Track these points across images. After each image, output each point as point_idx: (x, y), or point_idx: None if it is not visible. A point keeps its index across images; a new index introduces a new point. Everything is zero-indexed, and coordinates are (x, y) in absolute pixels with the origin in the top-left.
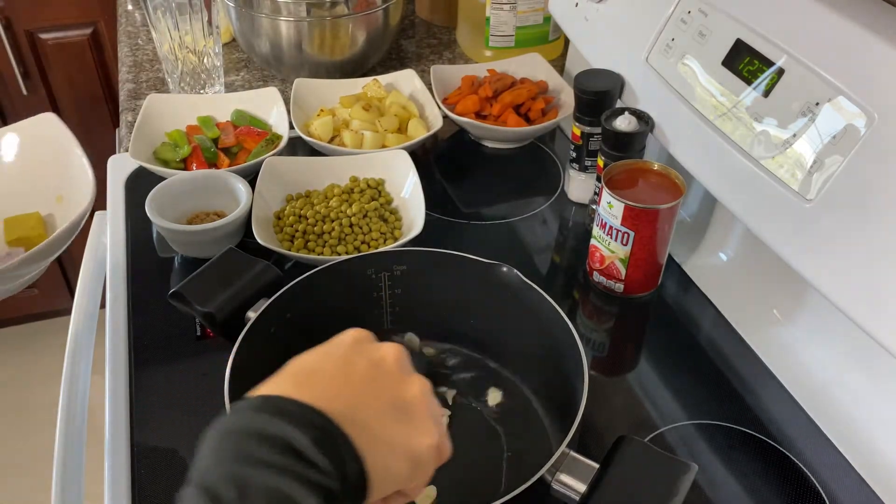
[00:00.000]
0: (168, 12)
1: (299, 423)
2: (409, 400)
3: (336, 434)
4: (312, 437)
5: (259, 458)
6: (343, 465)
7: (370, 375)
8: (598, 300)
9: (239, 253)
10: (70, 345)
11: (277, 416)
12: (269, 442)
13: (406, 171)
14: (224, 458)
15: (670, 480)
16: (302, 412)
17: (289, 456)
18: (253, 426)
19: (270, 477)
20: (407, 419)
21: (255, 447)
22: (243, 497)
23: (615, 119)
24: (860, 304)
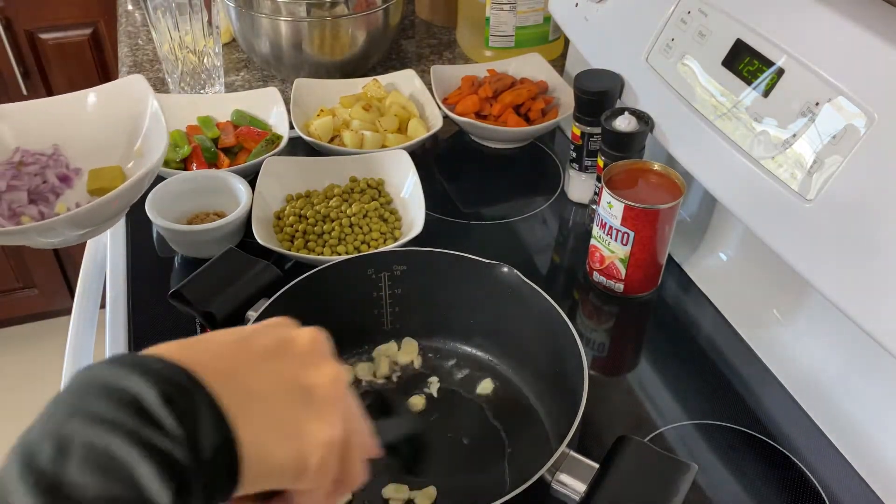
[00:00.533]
0: (168, 12)
1: (153, 377)
2: (314, 384)
3: (195, 394)
4: (162, 391)
5: (92, 412)
6: (197, 430)
7: (272, 352)
8: (598, 300)
9: (239, 253)
10: (70, 345)
11: (132, 369)
12: (110, 394)
13: (406, 171)
14: (57, 413)
15: (670, 480)
16: (163, 368)
17: (127, 411)
18: (100, 378)
19: (98, 434)
20: (305, 403)
21: (92, 400)
22: (61, 455)
23: (615, 119)
24: (860, 304)
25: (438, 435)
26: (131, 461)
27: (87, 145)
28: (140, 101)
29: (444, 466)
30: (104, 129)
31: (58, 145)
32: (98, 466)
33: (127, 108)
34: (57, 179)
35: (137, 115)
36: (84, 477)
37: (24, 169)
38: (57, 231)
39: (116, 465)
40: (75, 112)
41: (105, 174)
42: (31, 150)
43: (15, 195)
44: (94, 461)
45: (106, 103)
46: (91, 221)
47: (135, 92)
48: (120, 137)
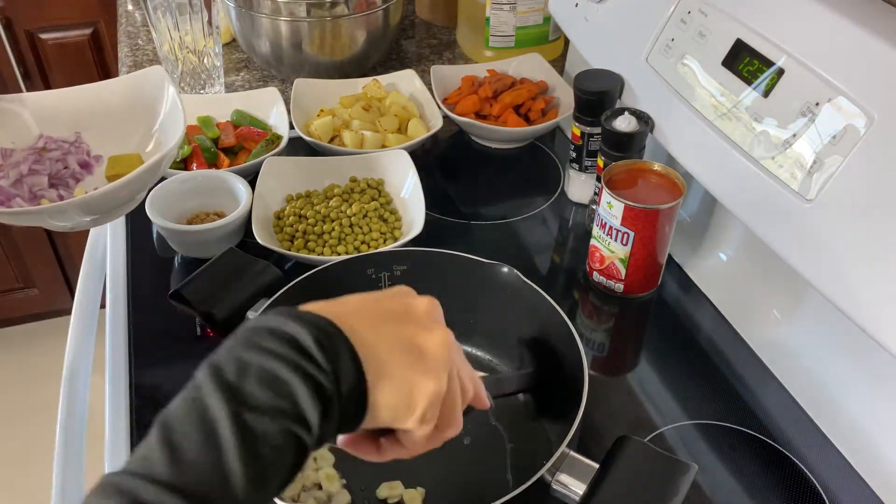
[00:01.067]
0: (168, 12)
1: (307, 325)
2: (426, 345)
3: (339, 340)
4: (315, 336)
5: (264, 347)
6: (339, 366)
7: (395, 315)
8: (598, 300)
9: (239, 253)
10: (70, 345)
11: (291, 318)
12: (277, 335)
13: (406, 171)
14: (236, 345)
15: (670, 480)
16: (314, 318)
17: (289, 347)
18: (268, 323)
19: (268, 361)
20: (417, 360)
21: (263, 338)
22: (241, 374)
23: (615, 119)
24: (860, 304)
25: None
26: (293, 383)
27: (109, 133)
28: (158, 87)
29: (444, 466)
30: (125, 117)
31: (80, 133)
32: (268, 384)
33: (147, 98)
34: (78, 165)
35: (156, 104)
36: (258, 390)
37: (47, 154)
38: (69, 214)
39: (282, 384)
40: (97, 101)
41: (124, 161)
42: (54, 137)
43: (36, 179)
44: (265, 380)
45: (127, 93)
46: (102, 207)
47: (155, 82)
48: (139, 126)
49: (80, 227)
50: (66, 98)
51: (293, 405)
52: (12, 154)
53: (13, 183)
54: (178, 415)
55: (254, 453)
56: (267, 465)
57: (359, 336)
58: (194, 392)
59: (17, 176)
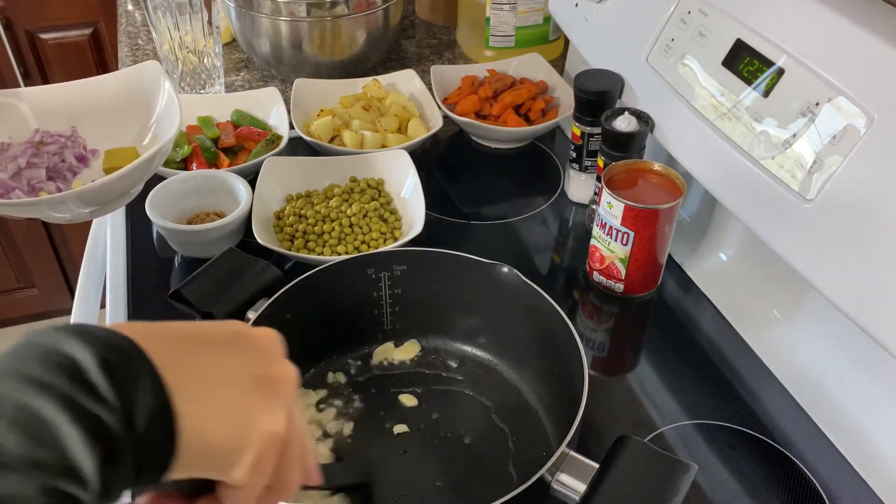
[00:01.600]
0: (168, 12)
1: (94, 344)
2: (265, 378)
3: (138, 363)
4: (101, 358)
5: (26, 374)
6: (131, 397)
7: (228, 343)
8: (598, 300)
9: (239, 253)
10: None
11: (76, 336)
12: (47, 358)
13: (406, 171)
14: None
15: (670, 480)
16: (107, 336)
17: (61, 375)
18: (41, 342)
19: (27, 394)
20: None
21: (31, 363)
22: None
23: (615, 119)
24: (860, 304)
25: (440, 434)
26: (58, 424)
27: (104, 127)
28: (155, 84)
29: (445, 466)
30: (121, 112)
31: (76, 127)
32: (25, 427)
33: (143, 92)
34: (74, 159)
35: (152, 98)
36: (9, 436)
37: (44, 148)
38: (67, 206)
39: (43, 428)
40: (93, 96)
41: (120, 154)
42: (50, 132)
43: (34, 172)
44: (21, 421)
45: (123, 87)
46: (100, 199)
47: (150, 77)
48: (135, 119)
49: (78, 218)
50: (62, 93)
51: (58, 454)
52: (9, 148)
53: (11, 176)
54: None
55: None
56: None
57: (173, 361)
58: None
59: (16, 169)
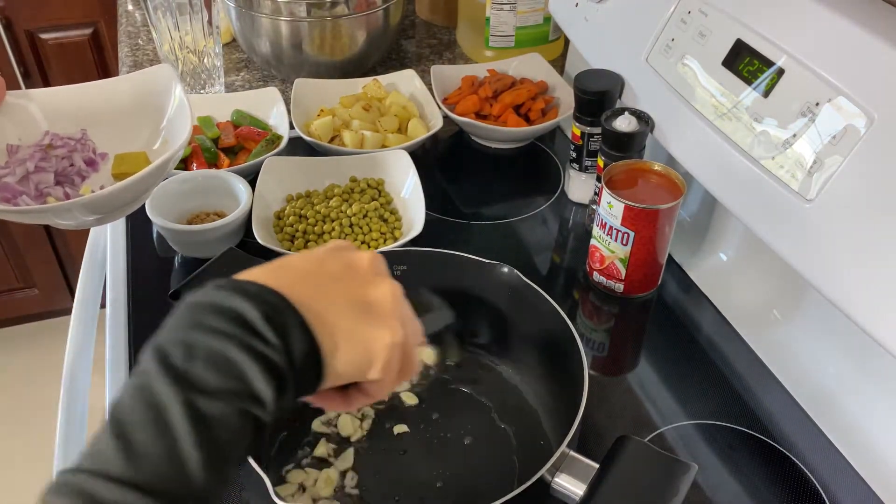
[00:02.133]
0: (168, 12)
1: (253, 299)
2: (374, 299)
3: (286, 311)
4: (263, 311)
5: (209, 326)
6: (289, 340)
7: (340, 274)
8: (598, 300)
9: (239, 253)
10: (70, 345)
11: (235, 292)
12: (222, 313)
13: (406, 171)
14: (180, 325)
15: (670, 480)
16: (258, 291)
17: (237, 325)
18: (211, 299)
19: (217, 342)
20: (368, 315)
21: (208, 316)
22: (189, 357)
23: (615, 119)
24: (860, 304)
25: (440, 434)
26: (243, 363)
27: (115, 131)
28: (165, 86)
29: (446, 466)
30: (132, 115)
31: (86, 130)
32: (218, 366)
33: (155, 96)
34: (84, 163)
35: (163, 102)
36: (208, 373)
37: (53, 152)
38: (73, 213)
39: (232, 366)
40: (104, 99)
41: (130, 159)
42: (60, 134)
43: (42, 176)
44: (214, 362)
45: (134, 91)
46: (108, 207)
47: (162, 80)
48: (146, 125)
49: (83, 225)
50: (72, 95)
51: (245, 385)
52: (18, 150)
53: (19, 180)
54: (128, 405)
55: (209, 438)
56: (223, 448)
57: (307, 304)
58: (142, 379)
59: (24, 173)
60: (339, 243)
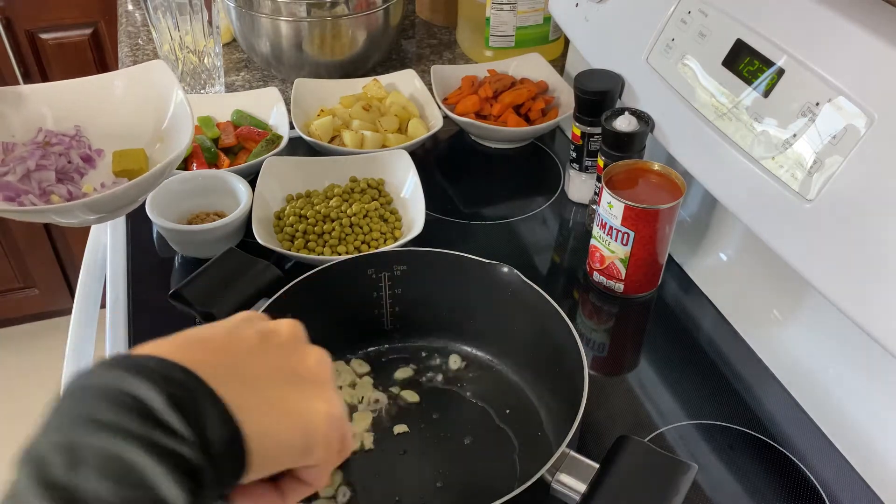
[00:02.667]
0: (168, 12)
1: (155, 380)
2: (302, 370)
3: (200, 392)
4: (168, 394)
5: (98, 419)
6: (205, 430)
7: (259, 345)
8: (598, 300)
9: (239, 253)
10: (70, 345)
11: (131, 371)
12: (115, 400)
13: (406, 171)
14: (62, 421)
15: (670, 480)
16: (162, 368)
17: (134, 417)
18: (100, 383)
19: (108, 440)
20: (299, 385)
21: (95, 407)
22: (73, 465)
23: (615, 119)
24: (860, 304)
25: (440, 435)
26: (146, 467)
27: (109, 127)
28: (164, 86)
29: (446, 466)
30: (126, 111)
31: (79, 127)
32: (113, 474)
33: (148, 93)
34: (81, 160)
35: (160, 100)
36: (100, 485)
37: (51, 149)
38: (74, 213)
39: (131, 472)
40: (96, 94)
41: (129, 156)
42: (54, 131)
43: (44, 174)
44: (108, 469)
45: (130, 87)
46: (108, 207)
47: (157, 77)
48: (142, 121)
49: (85, 223)
50: (66, 91)
51: (151, 494)
52: (15, 148)
53: (20, 178)
54: None
55: None
56: None
57: (222, 379)
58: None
59: (24, 171)
60: (247, 315)
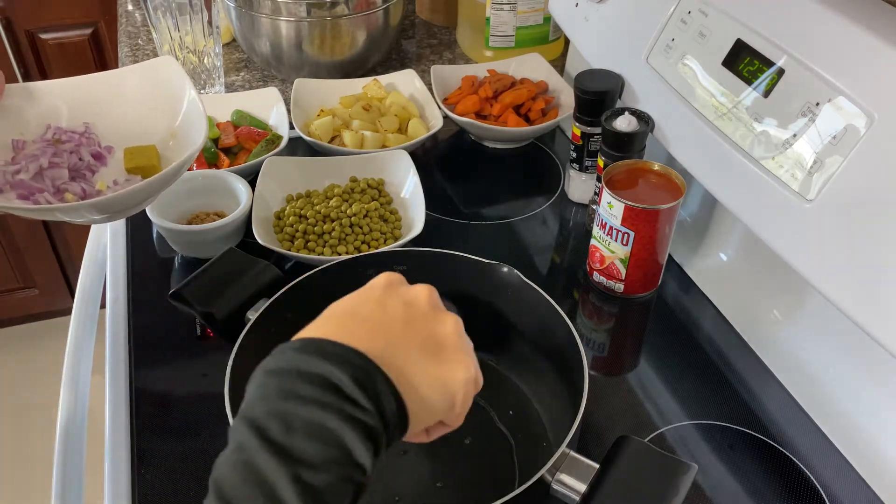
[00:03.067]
0: (168, 12)
1: (339, 363)
2: (442, 337)
3: (374, 373)
4: (352, 375)
5: (302, 395)
6: (381, 402)
7: (404, 316)
8: (598, 300)
9: (239, 253)
10: (70, 345)
11: (318, 355)
12: (311, 380)
13: (406, 171)
14: (268, 395)
15: (670, 480)
16: (342, 352)
17: (330, 392)
18: (295, 365)
19: (313, 412)
20: (441, 355)
21: (297, 384)
22: (288, 430)
23: (615, 119)
24: (860, 304)
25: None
26: (342, 432)
27: (119, 124)
28: (175, 83)
29: (446, 466)
30: (137, 108)
31: (88, 124)
32: (318, 437)
33: (160, 89)
34: (91, 157)
35: (171, 97)
36: (309, 445)
37: (61, 146)
38: (80, 213)
39: (332, 435)
40: (106, 91)
41: (141, 153)
42: (63, 128)
43: (57, 172)
44: (314, 433)
45: (139, 83)
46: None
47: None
48: (154, 118)
49: (91, 222)
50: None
51: (347, 453)
52: (25, 146)
53: (33, 176)
54: (234, 481)
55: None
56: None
57: (387, 360)
58: (243, 455)
59: (37, 169)
60: (389, 278)
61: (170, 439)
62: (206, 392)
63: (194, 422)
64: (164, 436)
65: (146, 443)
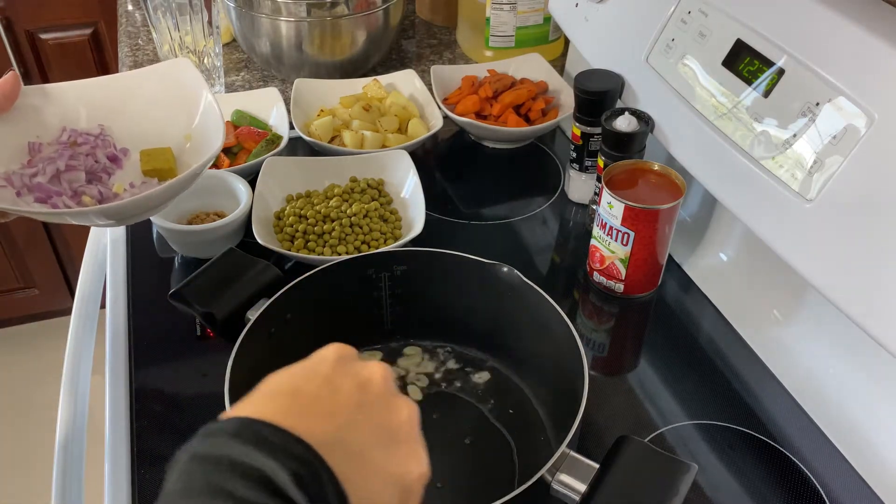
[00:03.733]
0: (168, 12)
1: (278, 455)
2: (396, 426)
3: (319, 469)
4: (293, 472)
5: (231, 493)
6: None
7: (356, 399)
8: (598, 300)
9: (239, 253)
10: (70, 345)
11: (255, 444)
12: (245, 474)
13: (406, 171)
14: (193, 489)
15: (670, 480)
16: (282, 442)
17: (264, 492)
18: (228, 454)
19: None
20: (395, 445)
21: (228, 479)
22: None
23: (615, 119)
24: (860, 304)
25: (440, 435)
26: None
27: (134, 126)
28: (191, 85)
29: (446, 466)
30: (153, 110)
31: (103, 126)
32: None
33: (175, 91)
34: (107, 159)
35: (187, 99)
36: None
37: (77, 149)
38: (97, 217)
39: None
40: (121, 93)
41: (157, 155)
42: (78, 130)
43: (74, 175)
44: None
45: (155, 85)
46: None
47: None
48: (170, 120)
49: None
50: (90, 89)
51: None
52: (41, 148)
53: (50, 179)
54: None
55: None
56: None
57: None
58: None
59: (54, 172)
60: (340, 351)
61: (170, 439)
62: (206, 392)
63: (194, 422)
64: (164, 436)
65: (146, 443)
